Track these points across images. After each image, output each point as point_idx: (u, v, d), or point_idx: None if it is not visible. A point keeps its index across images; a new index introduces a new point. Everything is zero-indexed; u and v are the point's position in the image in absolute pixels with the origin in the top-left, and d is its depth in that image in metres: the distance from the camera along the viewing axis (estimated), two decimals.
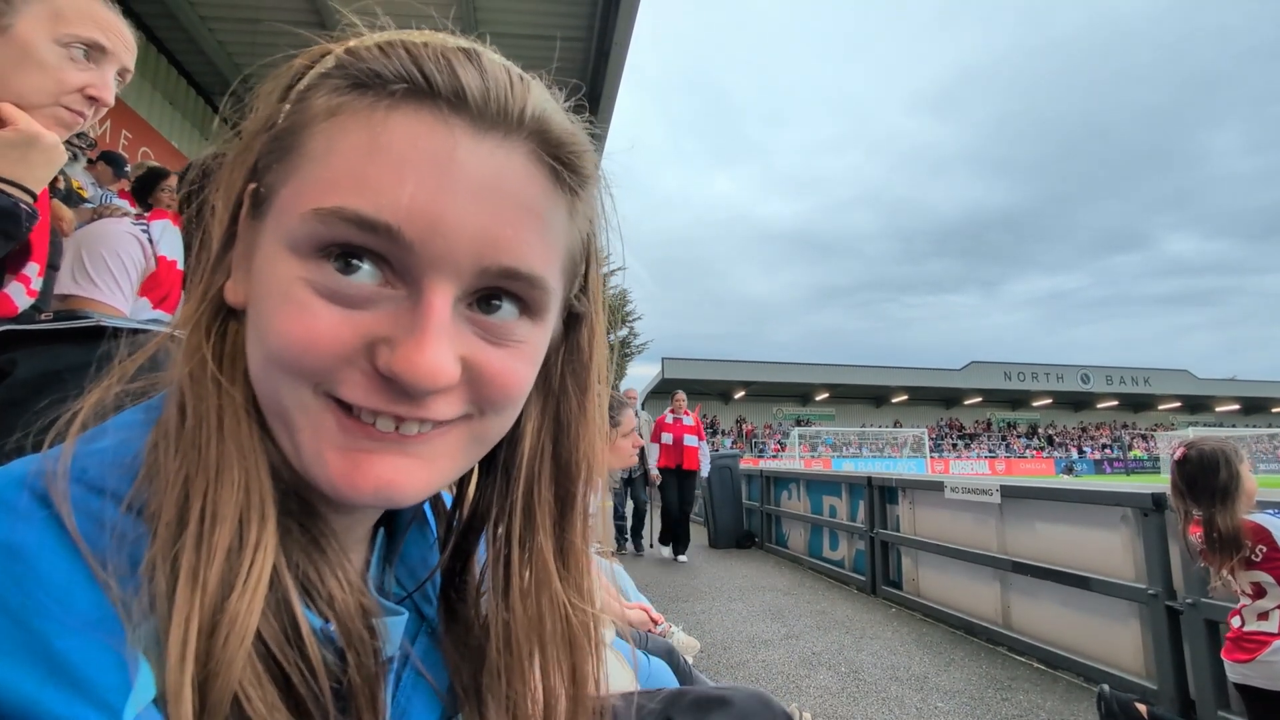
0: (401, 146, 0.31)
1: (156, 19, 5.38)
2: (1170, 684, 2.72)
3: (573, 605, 0.43)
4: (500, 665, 0.43)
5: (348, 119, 0.32)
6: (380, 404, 0.32)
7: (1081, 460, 35.18)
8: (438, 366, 0.31)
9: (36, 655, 0.24)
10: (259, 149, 0.36)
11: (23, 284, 1.02)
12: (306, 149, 0.32)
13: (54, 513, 0.27)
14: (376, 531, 0.45)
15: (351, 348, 0.32)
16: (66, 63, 0.90)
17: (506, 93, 0.33)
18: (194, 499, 0.30)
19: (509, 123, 0.33)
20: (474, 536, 0.47)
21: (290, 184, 0.33)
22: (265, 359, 0.32)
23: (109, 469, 0.30)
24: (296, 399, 0.32)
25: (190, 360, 0.35)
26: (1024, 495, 3.71)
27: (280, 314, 0.31)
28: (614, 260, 0.47)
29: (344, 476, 0.32)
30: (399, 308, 0.32)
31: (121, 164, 4.00)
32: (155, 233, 1.36)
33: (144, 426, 0.34)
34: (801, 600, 4.72)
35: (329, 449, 0.32)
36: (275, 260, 0.32)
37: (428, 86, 0.31)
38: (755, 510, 7.44)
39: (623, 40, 5.34)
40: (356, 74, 0.32)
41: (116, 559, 0.27)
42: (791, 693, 2.94)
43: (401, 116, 0.31)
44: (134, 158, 5.33)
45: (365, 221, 0.30)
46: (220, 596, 0.29)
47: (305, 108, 0.33)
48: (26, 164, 0.84)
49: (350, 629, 0.35)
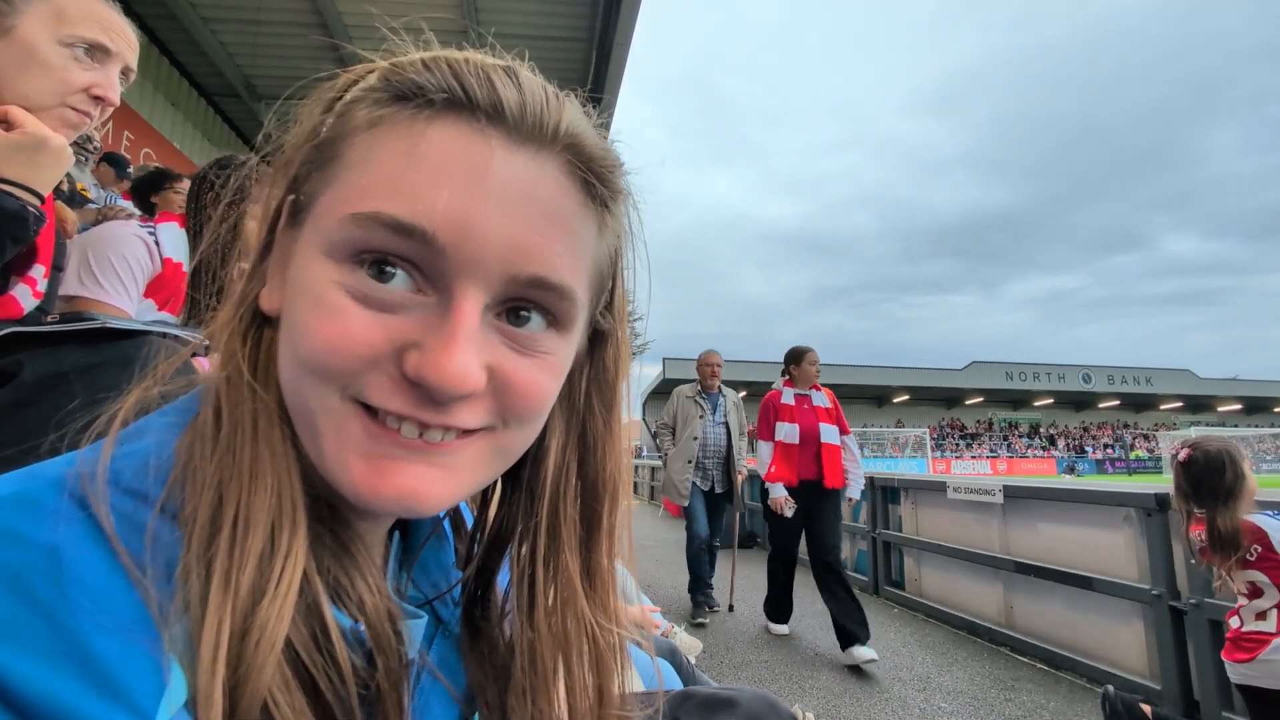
0: (439, 155, 0.32)
1: (158, 20, 5.39)
2: (1174, 684, 2.72)
3: (599, 625, 0.43)
4: (526, 685, 0.42)
5: (388, 129, 0.33)
6: (406, 408, 0.32)
7: (1083, 460, 35.11)
8: (464, 371, 0.32)
9: (72, 657, 0.24)
10: (300, 161, 0.36)
11: (29, 286, 1.02)
12: (346, 158, 0.33)
13: (90, 514, 0.27)
14: (391, 536, 0.45)
15: (381, 351, 0.32)
16: (71, 63, 0.90)
17: (542, 108, 0.33)
18: (227, 504, 0.31)
19: (544, 136, 0.33)
20: (497, 555, 0.47)
21: (329, 191, 0.33)
22: (295, 362, 0.33)
23: (143, 472, 0.31)
24: (323, 403, 0.32)
25: (226, 366, 0.35)
26: (1027, 495, 3.71)
27: (313, 316, 0.32)
28: (630, 266, 0.47)
29: (368, 483, 0.32)
30: (429, 314, 0.33)
31: (124, 165, 4.01)
32: (161, 235, 1.36)
33: (175, 429, 0.34)
34: (803, 600, 4.72)
35: (353, 455, 0.33)
36: (310, 265, 0.33)
37: (466, 99, 0.32)
38: (757, 510, 7.43)
39: (624, 40, 5.34)
40: (398, 86, 0.33)
41: (152, 562, 0.27)
42: (794, 693, 2.94)
43: (440, 127, 0.32)
44: (136, 159, 5.34)
45: (400, 225, 0.31)
46: (251, 602, 0.29)
47: (347, 119, 0.34)
48: (35, 166, 0.84)
49: (380, 633, 0.35)
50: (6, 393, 0.66)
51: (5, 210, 0.81)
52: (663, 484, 4.60)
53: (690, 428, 4.38)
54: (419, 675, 0.41)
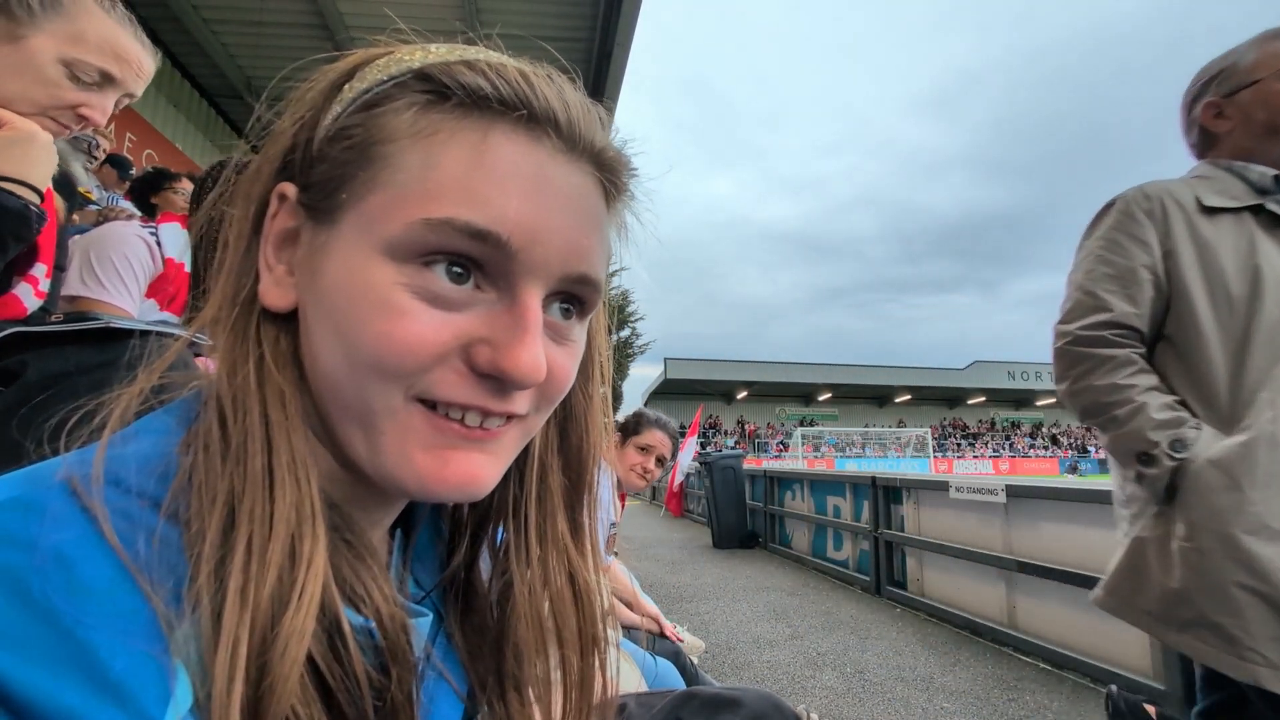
0: (505, 163, 0.33)
1: (161, 22, 5.40)
2: (1178, 685, 2.71)
3: (587, 578, 0.47)
4: (521, 647, 0.44)
5: (448, 136, 0.33)
6: (475, 399, 0.35)
7: (1086, 460, 35.05)
8: (539, 363, 0.34)
9: (76, 662, 0.24)
10: (298, 149, 0.36)
11: (31, 285, 1.02)
12: (398, 161, 0.33)
13: (91, 517, 0.27)
14: (393, 534, 0.45)
15: (449, 348, 0.34)
16: (65, 80, 0.90)
17: (582, 117, 0.36)
18: (241, 516, 0.30)
19: (584, 145, 0.36)
20: (486, 528, 0.48)
21: (381, 194, 0.33)
22: (354, 364, 0.33)
23: (142, 473, 0.30)
24: (386, 402, 0.34)
25: (229, 368, 0.34)
26: (1029, 495, 3.70)
27: (380, 319, 0.32)
28: (619, 262, 0.49)
29: (434, 474, 0.34)
30: (493, 310, 0.35)
31: (127, 167, 4.02)
32: (162, 235, 1.37)
33: (176, 428, 0.33)
34: (806, 601, 4.71)
35: (416, 449, 0.34)
36: (365, 266, 0.33)
37: (529, 111, 0.34)
38: (759, 510, 7.43)
39: (625, 41, 5.35)
40: (455, 91, 0.34)
41: (156, 565, 0.27)
42: (797, 693, 2.94)
43: (501, 136, 0.34)
44: (138, 161, 5.35)
45: (477, 231, 0.32)
46: (272, 616, 0.29)
47: (384, 118, 0.34)
48: (30, 161, 0.83)
49: (394, 639, 0.35)
50: (10, 393, 0.66)
51: (7, 209, 0.81)
52: None
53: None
54: (424, 673, 0.41)
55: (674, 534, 8.53)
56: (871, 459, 32.12)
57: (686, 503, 10.44)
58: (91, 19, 0.91)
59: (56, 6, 0.89)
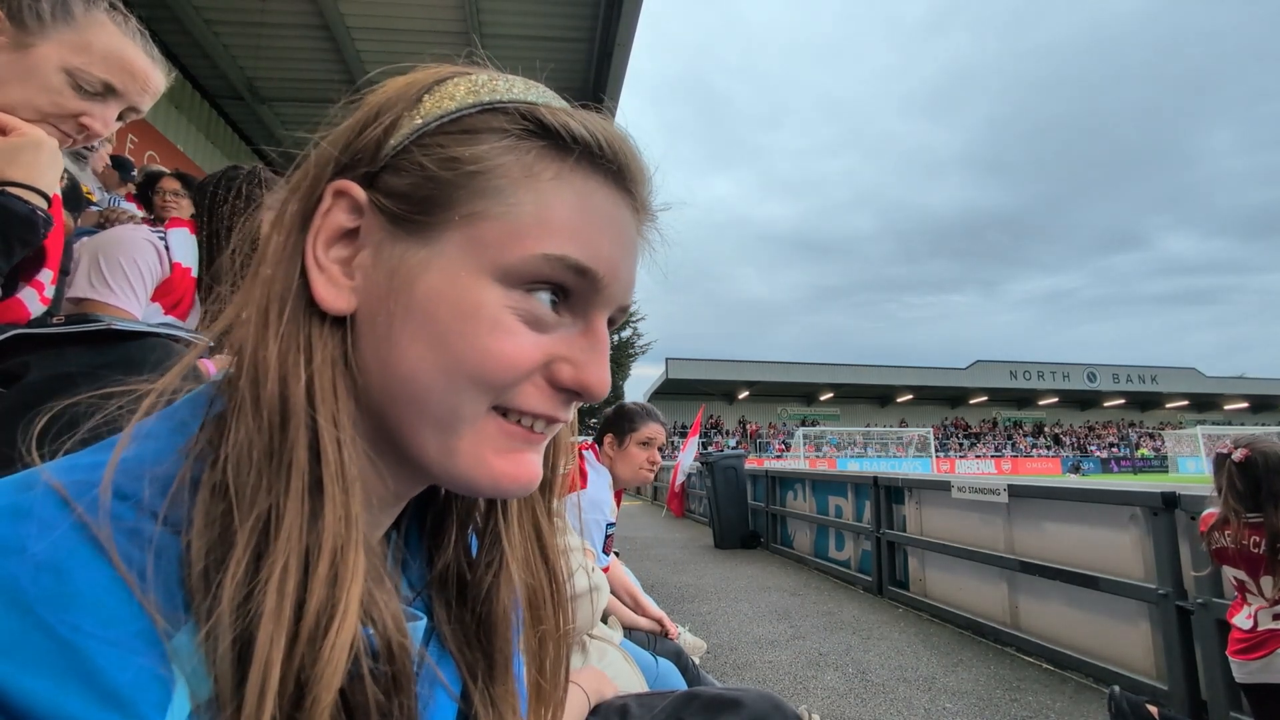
0: (602, 211, 0.39)
1: (162, 23, 5.41)
2: (1181, 685, 2.71)
3: (558, 558, 0.51)
4: (505, 622, 0.47)
5: (557, 180, 0.38)
6: (549, 409, 0.39)
7: (1088, 459, 34.99)
8: (607, 379, 0.40)
9: (74, 671, 0.24)
10: (367, 153, 0.37)
11: (36, 290, 1.02)
12: (510, 196, 0.37)
13: (83, 524, 0.27)
14: (389, 537, 0.45)
15: (538, 365, 0.38)
16: (69, 89, 0.90)
17: (645, 175, 0.42)
18: (281, 529, 0.30)
19: (642, 197, 0.42)
20: (473, 515, 0.49)
21: (495, 222, 0.36)
22: (451, 372, 0.36)
23: (143, 480, 0.29)
24: (474, 410, 0.37)
25: (280, 374, 0.33)
26: (1032, 495, 3.70)
27: (488, 336, 0.36)
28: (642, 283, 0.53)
29: (508, 474, 0.38)
30: (571, 333, 0.40)
31: (129, 168, 4.03)
32: (171, 239, 1.37)
33: (176, 434, 0.33)
34: (808, 601, 4.71)
35: (490, 452, 0.38)
36: (473, 286, 0.36)
37: (614, 162, 0.39)
38: (760, 510, 7.43)
39: (625, 41, 5.34)
40: (563, 137, 0.38)
41: (153, 573, 0.27)
42: (799, 694, 2.93)
43: (598, 184, 0.39)
44: (139, 161, 5.36)
45: (582, 269, 0.37)
46: (314, 635, 0.29)
47: (483, 146, 0.37)
48: (38, 167, 0.84)
49: (396, 646, 0.35)
50: (12, 394, 0.66)
51: (15, 214, 0.81)
52: None
53: None
54: (418, 678, 0.42)
55: (675, 534, 8.52)
56: (873, 459, 32.09)
57: (688, 503, 10.43)
58: (101, 31, 0.92)
59: (68, 18, 0.89)
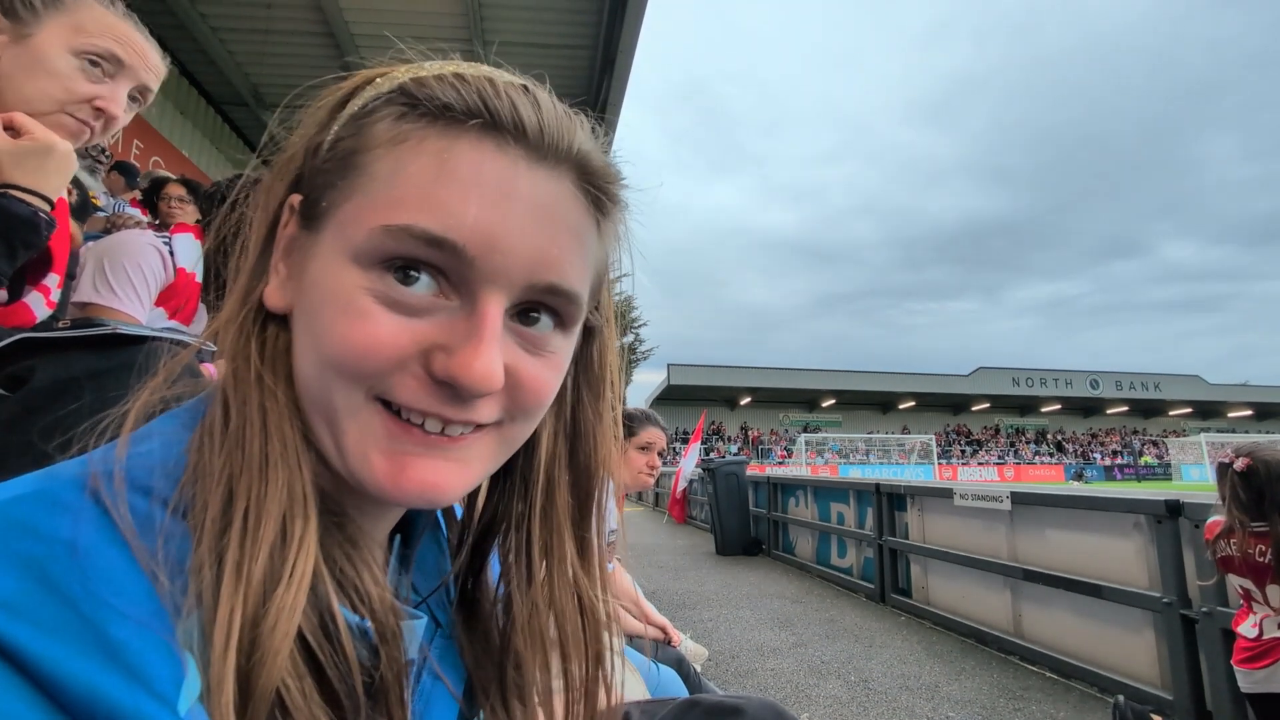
0: (466, 171, 0.34)
1: (168, 30, 5.46)
2: (1185, 695, 2.68)
3: (595, 597, 0.47)
4: (525, 658, 0.45)
5: (415, 144, 0.34)
6: (432, 406, 0.35)
7: (1091, 467, 34.84)
8: (492, 372, 0.34)
9: (97, 644, 0.25)
10: (305, 163, 0.38)
11: (42, 294, 1.03)
12: (371, 170, 0.35)
13: (106, 512, 0.28)
14: (392, 539, 0.46)
15: (408, 353, 0.34)
16: (78, 73, 0.91)
17: (558, 127, 0.36)
18: (238, 496, 0.32)
19: (559, 154, 0.36)
20: (490, 540, 0.49)
21: (353, 201, 0.35)
22: (321, 362, 0.34)
23: (154, 472, 0.31)
24: (347, 402, 0.34)
25: (233, 361, 0.36)
26: (1035, 502, 3.68)
27: (343, 321, 0.34)
28: (622, 269, 0.49)
29: (390, 478, 0.35)
30: (453, 317, 0.35)
31: (134, 174, 4.05)
32: (176, 245, 1.38)
33: (184, 430, 0.35)
34: (810, 608, 4.68)
35: (375, 452, 0.35)
36: (336, 271, 0.34)
37: (492, 119, 0.34)
38: (762, 517, 7.40)
39: (628, 48, 5.37)
40: (424, 102, 0.35)
41: (165, 558, 0.28)
42: (801, 702, 2.92)
43: (466, 144, 0.34)
44: (145, 167, 5.39)
45: (432, 238, 0.33)
46: (264, 591, 0.30)
47: (367, 130, 0.35)
48: (44, 172, 0.85)
49: (384, 625, 0.36)
50: (18, 398, 0.67)
51: (17, 216, 0.82)
52: None
53: None
54: (420, 674, 0.42)
55: (677, 541, 8.50)
56: (875, 465, 31.99)
57: (689, 509, 10.40)
58: (91, 11, 0.94)
59: (58, 3, 0.91)
